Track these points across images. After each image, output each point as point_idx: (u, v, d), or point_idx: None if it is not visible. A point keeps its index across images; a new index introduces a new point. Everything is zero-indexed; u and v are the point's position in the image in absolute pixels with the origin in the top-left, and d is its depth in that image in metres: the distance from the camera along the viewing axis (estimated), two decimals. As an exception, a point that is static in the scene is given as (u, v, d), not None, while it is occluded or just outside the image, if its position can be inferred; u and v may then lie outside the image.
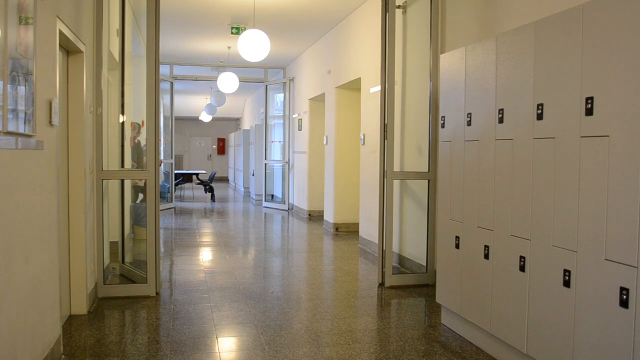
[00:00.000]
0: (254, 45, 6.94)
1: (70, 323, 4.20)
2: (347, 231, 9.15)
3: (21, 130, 2.73)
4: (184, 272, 6.16)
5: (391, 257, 5.47)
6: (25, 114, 2.79)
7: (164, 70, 12.03)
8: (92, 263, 4.68)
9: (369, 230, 7.53)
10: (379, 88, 6.16)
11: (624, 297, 2.46)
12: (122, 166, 5.56)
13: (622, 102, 2.49)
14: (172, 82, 12.71)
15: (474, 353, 3.69)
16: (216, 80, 11.17)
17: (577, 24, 2.78)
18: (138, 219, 7.12)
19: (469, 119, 3.83)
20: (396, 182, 6.14)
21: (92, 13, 4.75)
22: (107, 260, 5.35)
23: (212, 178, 16.26)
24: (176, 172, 14.57)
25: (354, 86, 8.68)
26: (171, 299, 4.95)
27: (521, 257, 3.22)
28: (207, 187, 15.53)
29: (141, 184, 8.14)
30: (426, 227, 5.59)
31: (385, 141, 5.38)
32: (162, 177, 12.84)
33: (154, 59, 4.85)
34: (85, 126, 4.42)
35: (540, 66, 3.08)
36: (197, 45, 10.72)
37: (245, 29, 8.62)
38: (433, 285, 5.25)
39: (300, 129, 11.78)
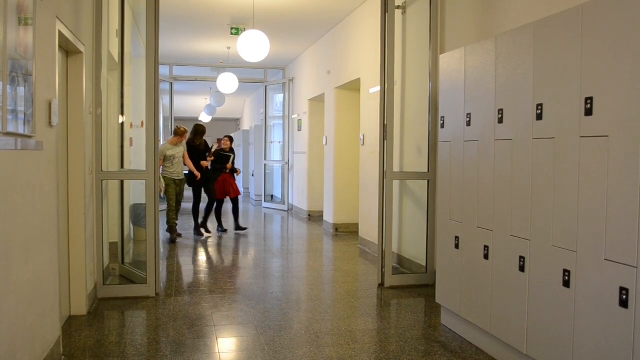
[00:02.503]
0: (254, 46, 6.94)
1: (70, 324, 4.20)
2: (346, 231, 9.15)
3: (21, 131, 2.73)
4: (183, 272, 6.16)
5: (391, 258, 5.47)
6: (25, 114, 2.79)
7: (163, 70, 12.03)
8: (91, 264, 4.68)
9: (368, 231, 7.53)
10: (378, 88, 6.16)
11: (624, 297, 2.46)
12: (122, 167, 5.56)
13: (622, 102, 2.50)
14: (171, 83, 12.70)
15: (473, 353, 3.69)
16: (216, 81, 11.16)
17: (577, 24, 2.78)
18: (138, 219, 7.12)
19: (468, 119, 3.83)
20: (396, 183, 6.14)
21: (91, 14, 4.75)
22: (106, 261, 5.35)
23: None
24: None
25: (354, 87, 8.68)
26: (171, 300, 4.95)
27: (521, 257, 3.22)
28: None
29: (181, 177, 8.16)
30: (426, 228, 5.59)
31: (385, 141, 5.38)
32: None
33: (154, 60, 4.85)
34: (85, 127, 4.42)
35: (540, 66, 3.08)
36: (197, 45, 10.72)
37: (244, 30, 8.62)
38: (433, 286, 5.25)
39: (299, 130, 11.78)
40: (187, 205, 9.46)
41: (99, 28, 4.80)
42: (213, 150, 8.90)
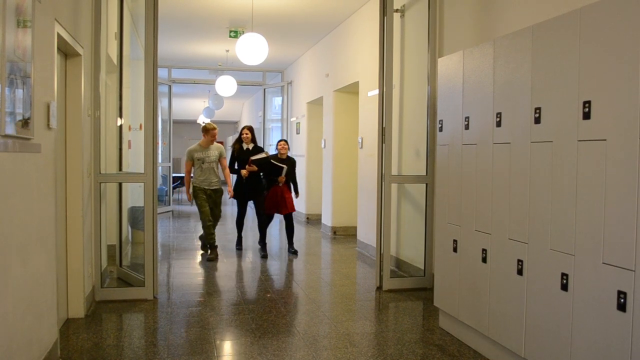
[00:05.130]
0: (252, 49, 6.95)
1: (68, 326, 4.19)
2: (344, 234, 9.15)
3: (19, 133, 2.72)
4: (181, 275, 6.14)
5: (389, 261, 5.46)
6: (23, 117, 2.79)
7: (162, 73, 12.03)
8: (89, 266, 4.67)
9: (366, 234, 7.53)
10: (376, 91, 6.17)
11: (622, 300, 2.46)
12: (120, 169, 5.55)
13: (620, 105, 2.50)
14: (170, 86, 12.71)
15: (471, 356, 3.68)
16: (214, 84, 11.17)
17: (575, 28, 2.79)
18: (136, 222, 7.11)
19: (466, 122, 3.84)
20: (394, 186, 6.14)
21: (90, 16, 4.75)
22: (104, 264, 5.34)
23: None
24: (174, 175, 14.56)
25: (352, 90, 8.69)
26: (169, 303, 4.94)
27: (519, 260, 3.22)
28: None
29: (214, 186, 6.86)
30: (424, 231, 5.59)
31: (383, 144, 5.39)
32: (160, 181, 12.83)
33: (152, 62, 4.85)
34: (83, 129, 4.41)
35: (538, 70, 3.09)
36: (195, 48, 10.73)
37: (243, 33, 8.63)
38: (431, 289, 5.25)
39: (298, 133, 11.78)
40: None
41: (97, 31, 4.80)
42: (257, 157, 7.10)
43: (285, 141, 7.48)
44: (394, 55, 5.49)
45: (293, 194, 7.47)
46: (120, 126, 5.48)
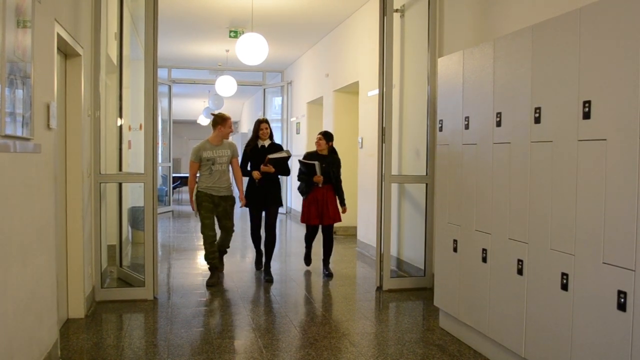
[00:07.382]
0: (252, 49, 6.95)
1: (68, 327, 4.19)
2: (345, 234, 9.14)
3: (19, 133, 2.72)
4: (181, 275, 6.14)
5: (389, 261, 5.46)
6: (23, 117, 2.79)
7: (161, 73, 12.03)
8: (89, 266, 4.67)
9: (367, 234, 7.53)
10: (376, 91, 6.17)
11: (622, 300, 2.46)
12: (120, 169, 5.55)
13: (620, 105, 2.50)
14: (170, 86, 12.71)
15: (471, 356, 3.68)
16: (214, 84, 11.17)
17: (575, 28, 2.79)
18: (136, 222, 7.11)
19: (466, 122, 3.84)
20: (394, 186, 6.14)
21: (90, 17, 4.75)
22: (104, 264, 5.34)
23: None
24: (174, 175, 14.56)
25: (352, 89, 8.69)
26: (169, 303, 4.94)
27: (519, 260, 3.22)
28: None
29: (223, 192, 5.61)
30: (424, 231, 5.59)
31: (384, 144, 5.39)
32: (160, 181, 12.84)
33: (152, 62, 4.85)
34: (83, 129, 4.41)
35: (538, 70, 3.09)
36: (195, 48, 10.73)
37: (243, 33, 8.63)
38: (431, 289, 5.25)
39: (298, 133, 11.78)
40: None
41: (97, 31, 4.80)
42: (275, 156, 5.75)
43: (324, 134, 5.99)
44: (394, 55, 5.49)
45: (338, 203, 6.12)
46: (120, 126, 5.47)
